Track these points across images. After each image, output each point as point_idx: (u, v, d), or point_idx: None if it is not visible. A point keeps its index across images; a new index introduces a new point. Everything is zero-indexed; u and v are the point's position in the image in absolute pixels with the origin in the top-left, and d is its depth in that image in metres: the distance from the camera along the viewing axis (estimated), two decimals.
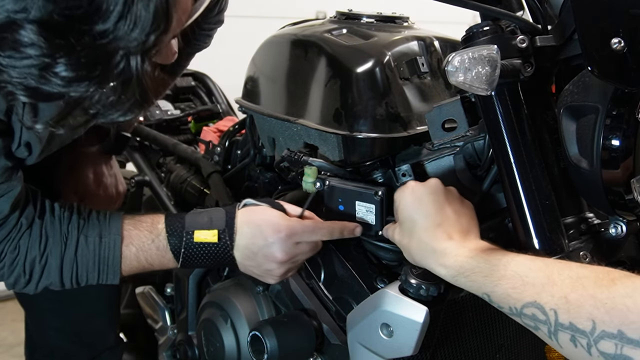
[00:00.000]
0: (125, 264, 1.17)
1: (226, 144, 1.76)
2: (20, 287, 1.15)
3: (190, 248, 1.18)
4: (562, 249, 1.00)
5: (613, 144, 0.98)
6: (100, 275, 1.17)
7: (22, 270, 1.13)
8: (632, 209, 1.03)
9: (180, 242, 1.17)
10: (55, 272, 1.14)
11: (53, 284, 1.15)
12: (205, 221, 1.19)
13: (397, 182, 1.23)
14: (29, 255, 1.12)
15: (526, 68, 1.02)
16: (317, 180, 1.25)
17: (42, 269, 1.13)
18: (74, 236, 1.14)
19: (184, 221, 1.19)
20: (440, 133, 1.16)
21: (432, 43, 1.32)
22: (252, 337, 1.23)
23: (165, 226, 1.19)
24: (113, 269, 1.16)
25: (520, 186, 1.01)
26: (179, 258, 1.18)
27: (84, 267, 1.15)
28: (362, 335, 1.09)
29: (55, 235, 1.13)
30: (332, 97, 1.24)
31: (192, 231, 1.18)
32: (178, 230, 1.18)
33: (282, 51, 1.39)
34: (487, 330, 1.21)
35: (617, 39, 0.90)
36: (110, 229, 1.16)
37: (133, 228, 1.18)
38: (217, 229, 1.18)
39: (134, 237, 1.17)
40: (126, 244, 1.17)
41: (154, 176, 1.88)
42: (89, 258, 1.15)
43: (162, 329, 1.75)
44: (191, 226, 1.19)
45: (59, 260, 1.13)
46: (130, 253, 1.17)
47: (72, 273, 1.15)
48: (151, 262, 1.19)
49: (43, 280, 1.14)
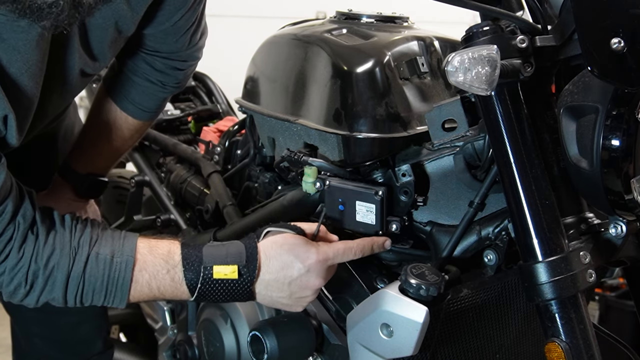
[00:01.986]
0: (135, 289, 1.10)
1: (226, 144, 1.76)
2: (18, 298, 1.07)
3: (207, 284, 1.11)
4: (562, 249, 1.00)
5: (613, 144, 0.98)
6: (107, 297, 1.09)
7: (24, 279, 1.04)
8: (632, 209, 1.03)
9: (197, 277, 1.11)
10: (60, 288, 1.06)
11: (56, 299, 1.08)
12: (224, 255, 1.12)
13: (397, 182, 1.23)
14: (34, 264, 1.04)
15: (526, 68, 1.02)
16: (317, 180, 1.25)
17: (45, 281, 1.05)
18: (84, 251, 1.07)
19: (201, 255, 1.12)
20: (440, 133, 1.16)
21: (432, 43, 1.32)
22: (252, 337, 1.23)
23: (182, 259, 1.11)
24: (121, 292, 1.09)
25: (520, 186, 1.01)
26: (194, 292, 1.11)
27: (91, 286, 1.08)
28: (362, 335, 1.09)
29: (65, 247, 1.05)
30: (332, 97, 1.24)
31: (210, 266, 1.11)
32: (196, 264, 1.11)
33: (282, 51, 1.39)
34: (487, 330, 1.21)
35: (617, 39, 0.90)
36: (123, 250, 1.09)
37: (148, 253, 1.11)
38: (237, 265, 1.11)
39: (148, 262, 1.10)
40: (139, 269, 1.09)
41: (154, 176, 1.88)
42: (97, 277, 1.07)
43: (162, 329, 1.75)
44: (210, 261, 1.11)
45: (65, 274, 1.05)
46: (143, 279, 1.10)
47: (78, 291, 1.07)
48: (163, 292, 1.12)
49: (45, 294, 1.07)
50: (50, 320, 1.57)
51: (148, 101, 1.43)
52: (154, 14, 1.22)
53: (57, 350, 1.61)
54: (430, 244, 1.25)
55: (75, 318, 1.60)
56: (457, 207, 1.22)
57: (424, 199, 1.22)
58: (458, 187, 1.21)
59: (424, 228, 1.25)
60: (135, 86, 1.40)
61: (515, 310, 1.23)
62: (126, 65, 1.39)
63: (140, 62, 1.37)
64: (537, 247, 1.00)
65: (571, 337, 0.98)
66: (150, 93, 1.42)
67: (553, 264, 0.98)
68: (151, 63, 1.37)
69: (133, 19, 1.17)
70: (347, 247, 1.16)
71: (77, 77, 1.20)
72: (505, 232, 1.14)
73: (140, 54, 1.36)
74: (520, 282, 1.04)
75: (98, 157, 1.51)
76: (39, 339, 1.59)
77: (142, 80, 1.39)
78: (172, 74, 1.39)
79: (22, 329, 1.61)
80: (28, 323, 1.59)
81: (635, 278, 1.25)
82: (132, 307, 1.97)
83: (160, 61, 1.37)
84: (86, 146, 1.50)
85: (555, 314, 0.99)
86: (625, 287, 2.48)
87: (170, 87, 1.42)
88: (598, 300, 2.63)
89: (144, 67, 1.37)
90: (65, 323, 1.59)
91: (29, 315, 1.55)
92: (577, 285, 0.99)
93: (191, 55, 1.39)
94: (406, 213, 1.23)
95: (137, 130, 1.49)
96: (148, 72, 1.38)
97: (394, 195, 1.23)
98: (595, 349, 1.00)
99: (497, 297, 1.19)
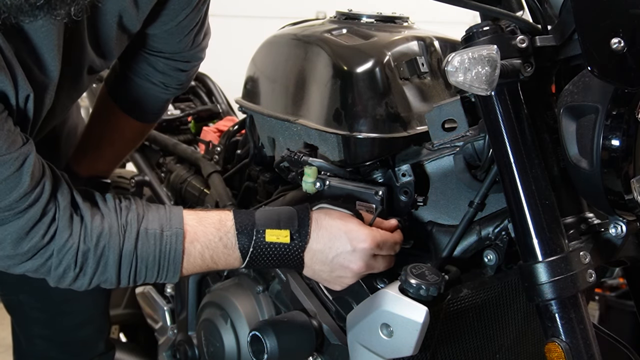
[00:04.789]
0: (188, 262, 1.10)
1: (226, 144, 1.76)
2: (67, 282, 1.05)
3: (260, 248, 1.11)
4: (562, 249, 1.00)
5: (613, 144, 0.98)
6: (160, 272, 1.09)
7: (74, 260, 1.02)
8: (632, 209, 1.03)
9: (250, 240, 1.11)
10: (113, 267, 1.05)
11: (109, 280, 1.06)
12: (276, 220, 1.13)
13: (397, 182, 1.23)
14: (82, 244, 1.02)
15: (526, 68, 1.02)
16: (317, 180, 1.25)
17: (97, 263, 1.04)
18: (134, 228, 1.06)
19: (254, 218, 1.12)
20: (440, 133, 1.16)
21: (432, 43, 1.32)
22: (252, 337, 1.23)
23: (234, 223, 1.12)
24: (174, 266, 1.09)
25: (520, 186, 1.01)
26: (246, 257, 1.12)
27: (144, 262, 1.07)
28: (362, 335, 1.09)
29: (113, 226, 1.04)
30: (332, 97, 1.24)
31: (263, 230, 1.11)
32: (248, 228, 1.11)
33: (282, 51, 1.39)
34: (487, 330, 1.21)
35: (617, 39, 0.90)
36: (171, 223, 1.09)
37: (197, 224, 1.11)
38: (289, 229, 1.12)
39: (199, 233, 1.10)
40: (190, 241, 1.09)
41: (154, 176, 1.88)
42: (149, 253, 1.06)
43: (162, 329, 1.75)
44: (262, 224, 1.12)
45: (117, 254, 1.04)
46: (195, 250, 1.10)
47: (131, 269, 1.07)
48: (216, 261, 1.12)
49: (98, 276, 1.05)
50: (52, 321, 1.57)
51: (150, 103, 1.42)
52: (159, 13, 1.22)
53: (59, 352, 1.61)
54: (430, 244, 1.25)
55: (77, 319, 1.60)
56: (457, 207, 1.22)
57: (424, 199, 1.23)
58: (458, 187, 1.21)
59: (424, 228, 1.25)
60: (137, 88, 1.40)
61: (515, 310, 1.23)
62: (128, 66, 1.39)
63: (143, 64, 1.37)
64: (537, 247, 1.00)
65: (571, 337, 0.98)
66: (152, 95, 1.41)
67: (553, 264, 0.98)
68: (153, 64, 1.36)
69: (138, 17, 1.17)
70: (396, 240, 1.16)
71: (85, 74, 1.20)
72: (505, 232, 1.14)
73: (142, 55, 1.36)
74: (520, 282, 1.04)
75: (100, 159, 1.51)
76: (40, 339, 1.59)
77: (144, 81, 1.39)
78: (174, 75, 1.39)
79: (23, 330, 1.61)
80: (29, 324, 1.58)
81: (635, 278, 1.25)
82: (132, 307, 1.98)
83: (163, 62, 1.36)
84: (88, 149, 1.50)
85: (555, 314, 0.99)
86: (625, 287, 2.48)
87: (172, 88, 1.42)
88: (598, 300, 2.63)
89: (146, 69, 1.37)
90: (67, 324, 1.58)
91: (31, 315, 1.55)
92: (577, 285, 0.99)
93: (194, 56, 1.39)
94: (406, 213, 1.23)
95: (140, 132, 1.48)
96: (150, 74, 1.38)
97: (394, 195, 1.23)
98: (595, 349, 1.00)
99: (497, 297, 1.19)
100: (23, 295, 1.53)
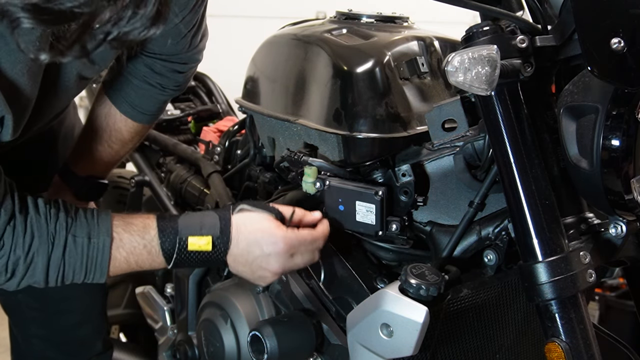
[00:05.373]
0: (113, 266, 1.15)
1: (226, 144, 1.76)
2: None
3: (182, 254, 1.16)
4: (562, 249, 1.00)
5: (613, 144, 0.98)
6: (87, 275, 1.14)
7: (4, 268, 1.08)
8: (632, 209, 1.03)
9: (173, 248, 1.16)
10: (41, 272, 1.10)
11: (37, 282, 1.12)
12: (199, 226, 1.17)
13: (397, 182, 1.23)
14: (13, 254, 1.07)
15: (526, 68, 1.02)
16: (317, 180, 1.25)
17: (26, 268, 1.09)
18: (62, 236, 1.10)
19: (177, 226, 1.17)
20: (440, 133, 1.16)
21: (432, 43, 1.32)
22: (252, 337, 1.23)
23: (157, 232, 1.16)
24: (101, 269, 1.14)
25: (520, 186, 1.01)
26: (171, 262, 1.17)
27: (71, 267, 1.12)
28: (362, 335, 1.09)
29: (42, 235, 1.09)
30: (332, 97, 1.24)
31: (185, 237, 1.16)
32: (171, 236, 1.16)
33: (282, 51, 1.39)
34: (487, 330, 1.21)
35: (617, 39, 0.90)
36: (99, 230, 1.13)
37: (123, 231, 1.15)
38: (211, 236, 1.16)
39: (125, 240, 1.15)
40: (116, 247, 1.14)
41: (154, 176, 1.88)
42: (76, 259, 1.12)
43: (162, 329, 1.75)
44: (185, 232, 1.16)
45: (45, 260, 1.10)
46: (121, 256, 1.15)
47: (59, 273, 1.12)
48: (141, 265, 1.17)
49: (26, 279, 1.11)
50: (49, 321, 1.57)
51: (148, 104, 1.43)
52: None
53: (56, 351, 1.61)
54: (430, 244, 1.25)
55: (75, 319, 1.60)
56: (457, 207, 1.22)
57: (424, 199, 1.23)
58: (458, 187, 1.21)
59: (424, 228, 1.25)
60: (135, 89, 1.40)
61: (515, 310, 1.23)
62: (126, 68, 1.39)
63: (140, 65, 1.37)
64: (537, 247, 1.00)
65: (571, 337, 0.98)
66: (150, 96, 1.41)
67: (553, 264, 0.98)
68: (151, 66, 1.37)
69: None
70: (314, 237, 1.20)
71: (74, 80, 1.20)
72: (505, 232, 1.14)
73: (140, 57, 1.36)
74: (520, 282, 1.04)
75: (98, 159, 1.51)
76: (38, 339, 1.59)
77: (142, 83, 1.39)
78: (171, 76, 1.39)
79: (20, 330, 1.61)
80: (26, 324, 1.58)
81: (635, 278, 1.25)
82: (132, 307, 1.98)
83: (160, 64, 1.36)
84: (86, 149, 1.50)
85: (555, 314, 0.99)
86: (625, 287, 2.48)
87: (170, 90, 1.42)
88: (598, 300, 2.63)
89: (143, 70, 1.37)
90: (64, 324, 1.58)
91: (28, 315, 1.55)
92: (577, 285, 0.99)
93: (191, 58, 1.39)
94: (406, 213, 1.23)
95: (137, 133, 1.48)
96: (148, 75, 1.38)
97: (394, 195, 1.23)
98: (595, 349, 1.00)
99: (497, 297, 1.19)
100: (21, 294, 1.53)
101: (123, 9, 0.84)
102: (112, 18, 0.84)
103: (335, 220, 1.25)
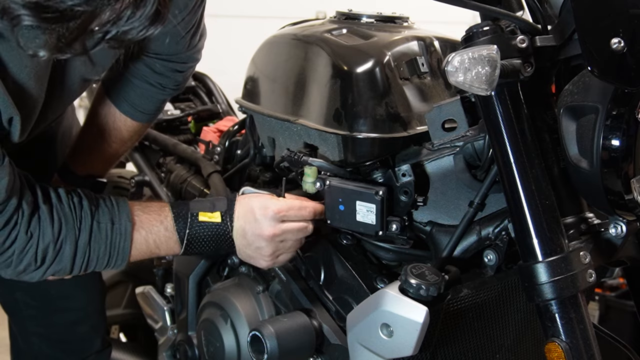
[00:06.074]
0: (135, 249, 1.20)
1: (226, 144, 1.76)
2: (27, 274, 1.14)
3: (194, 227, 1.23)
4: (562, 249, 1.00)
5: (613, 144, 0.98)
6: (110, 260, 1.18)
7: (34, 258, 1.11)
8: (632, 209, 1.03)
9: (185, 223, 1.23)
10: (68, 259, 1.14)
11: (63, 270, 1.15)
12: (208, 205, 1.26)
13: (397, 182, 1.23)
14: (42, 242, 1.11)
15: (526, 68, 1.02)
16: (317, 180, 1.25)
17: (55, 256, 1.13)
18: (87, 222, 1.14)
19: (188, 206, 1.25)
20: (440, 133, 1.16)
21: (432, 43, 1.32)
22: (252, 337, 1.23)
23: (171, 209, 1.24)
24: (123, 254, 1.19)
25: (520, 186, 1.01)
26: (184, 240, 1.23)
27: (96, 253, 1.16)
28: (362, 335, 1.09)
29: (69, 222, 1.13)
30: (332, 97, 1.24)
31: (196, 212, 1.24)
32: (183, 213, 1.24)
33: (282, 51, 1.39)
34: (487, 330, 1.21)
35: (617, 39, 0.90)
36: (120, 215, 1.18)
37: (142, 213, 1.22)
38: (219, 211, 1.25)
39: (143, 220, 1.21)
40: (136, 229, 1.20)
41: (154, 176, 1.88)
42: (100, 244, 1.16)
43: (162, 329, 1.75)
44: (195, 209, 1.25)
45: (73, 247, 1.13)
46: (140, 236, 1.20)
47: (84, 259, 1.16)
48: (158, 245, 1.22)
49: (53, 267, 1.14)
50: (48, 319, 1.57)
51: (147, 103, 1.43)
52: None
53: (55, 349, 1.61)
54: (430, 244, 1.25)
55: (73, 317, 1.60)
56: (457, 207, 1.22)
57: (424, 199, 1.23)
58: (458, 187, 1.21)
59: (424, 228, 1.25)
60: (134, 88, 1.40)
61: (515, 310, 1.23)
62: (125, 67, 1.39)
63: (140, 65, 1.38)
64: (537, 247, 1.00)
65: (571, 337, 0.98)
66: (149, 95, 1.42)
67: (553, 264, 0.98)
68: (151, 65, 1.37)
69: None
70: (302, 205, 1.25)
71: (78, 82, 1.23)
72: (505, 232, 1.14)
73: (140, 57, 1.36)
74: (520, 282, 1.03)
75: (97, 158, 1.52)
76: (37, 337, 1.60)
77: (141, 82, 1.39)
78: (171, 76, 1.40)
79: (19, 328, 1.61)
80: (26, 322, 1.59)
81: (635, 278, 1.25)
82: (132, 307, 1.97)
83: (160, 63, 1.37)
84: (85, 148, 1.51)
85: (555, 314, 0.99)
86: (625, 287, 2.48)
87: (169, 89, 1.43)
88: (598, 300, 2.63)
89: (143, 70, 1.38)
90: (63, 322, 1.59)
91: (26, 314, 1.56)
92: (577, 285, 0.99)
93: (191, 57, 1.40)
94: (406, 213, 1.23)
95: (136, 132, 1.49)
96: (147, 75, 1.38)
97: (394, 195, 1.23)
98: (595, 349, 1.00)
99: (497, 297, 1.19)
100: (19, 293, 1.54)
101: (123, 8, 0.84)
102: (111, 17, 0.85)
103: (335, 220, 1.25)
